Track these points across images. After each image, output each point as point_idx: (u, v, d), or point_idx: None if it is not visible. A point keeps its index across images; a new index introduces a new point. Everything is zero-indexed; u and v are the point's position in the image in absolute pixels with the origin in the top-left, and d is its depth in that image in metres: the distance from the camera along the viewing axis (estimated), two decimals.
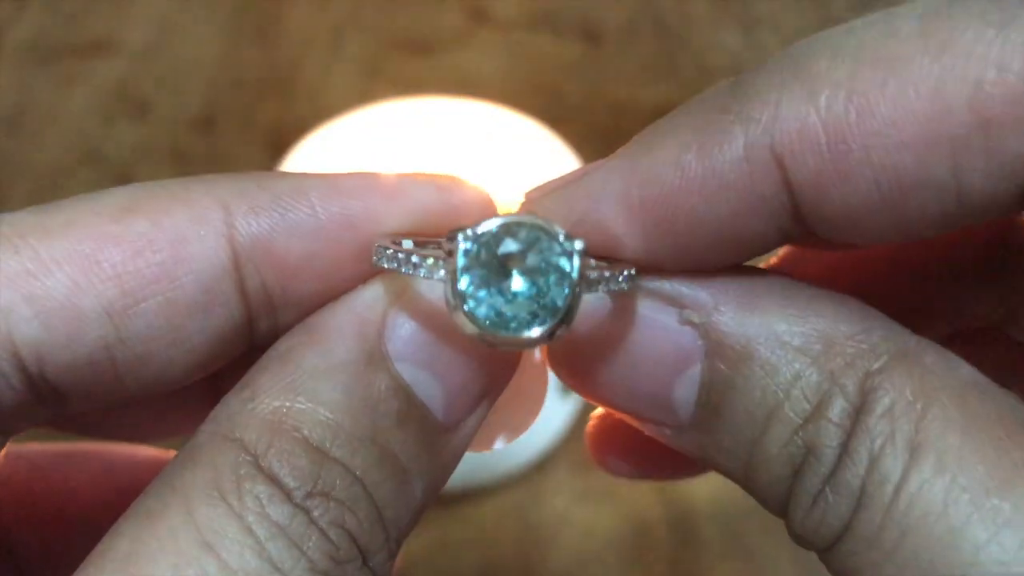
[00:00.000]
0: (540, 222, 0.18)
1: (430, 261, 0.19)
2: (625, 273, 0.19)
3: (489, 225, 0.18)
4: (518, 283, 0.18)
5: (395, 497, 0.19)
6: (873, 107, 0.17)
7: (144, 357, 0.20)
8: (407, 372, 0.19)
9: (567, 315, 0.18)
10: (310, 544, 0.17)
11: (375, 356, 0.19)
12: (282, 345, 0.20)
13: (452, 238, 0.18)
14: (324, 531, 0.18)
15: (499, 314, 0.18)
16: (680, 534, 0.49)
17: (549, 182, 0.21)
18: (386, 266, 0.19)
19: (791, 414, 0.19)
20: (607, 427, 0.26)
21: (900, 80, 0.17)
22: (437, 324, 0.20)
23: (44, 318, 0.18)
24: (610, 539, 0.48)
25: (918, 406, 0.18)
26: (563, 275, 0.18)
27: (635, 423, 0.22)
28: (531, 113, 0.60)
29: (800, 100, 0.18)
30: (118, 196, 0.20)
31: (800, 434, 0.19)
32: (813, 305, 0.19)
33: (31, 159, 0.67)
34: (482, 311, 0.18)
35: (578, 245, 0.18)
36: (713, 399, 0.20)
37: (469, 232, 0.18)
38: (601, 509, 0.49)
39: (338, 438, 0.18)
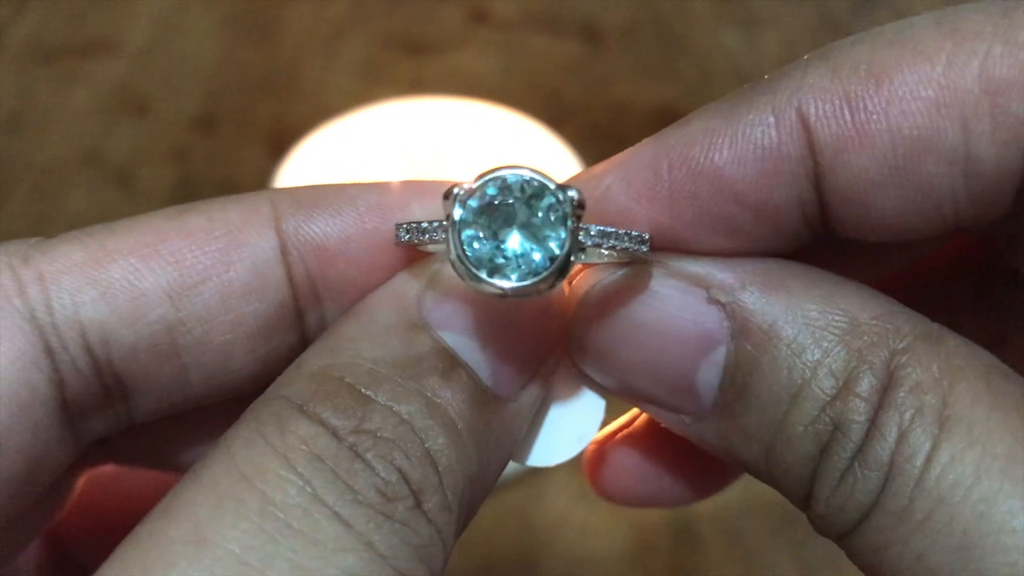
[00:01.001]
0: (532, 173, 0.18)
1: (435, 225, 0.19)
2: (635, 234, 0.19)
3: (483, 178, 0.18)
4: (514, 235, 0.18)
5: (447, 448, 0.18)
6: (891, 75, 0.19)
7: (203, 340, 0.20)
8: (449, 338, 0.20)
9: (564, 263, 0.18)
10: (356, 477, 0.17)
11: (415, 322, 0.20)
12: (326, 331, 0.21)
13: (447, 194, 0.18)
14: (371, 464, 0.17)
15: (498, 264, 0.18)
16: (680, 534, 0.49)
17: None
18: (404, 238, 0.20)
19: (818, 391, 0.19)
20: (606, 453, 0.25)
21: (915, 54, 0.19)
22: (472, 297, 0.20)
23: (109, 299, 0.20)
24: (610, 539, 0.48)
25: (945, 382, 0.18)
26: (557, 222, 0.18)
27: (654, 412, 0.22)
28: (531, 113, 0.60)
29: (823, 73, 0.19)
30: (174, 206, 0.21)
31: (828, 411, 0.19)
32: (838, 289, 0.20)
33: (31, 159, 0.67)
34: (481, 262, 0.18)
35: (571, 193, 0.18)
36: (738, 380, 0.20)
37: (465, 186, 0.18)
38: (601, 509, 0.49)
39: (382, 385, 0.18)
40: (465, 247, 0.18)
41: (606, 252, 0.19)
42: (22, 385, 0.19)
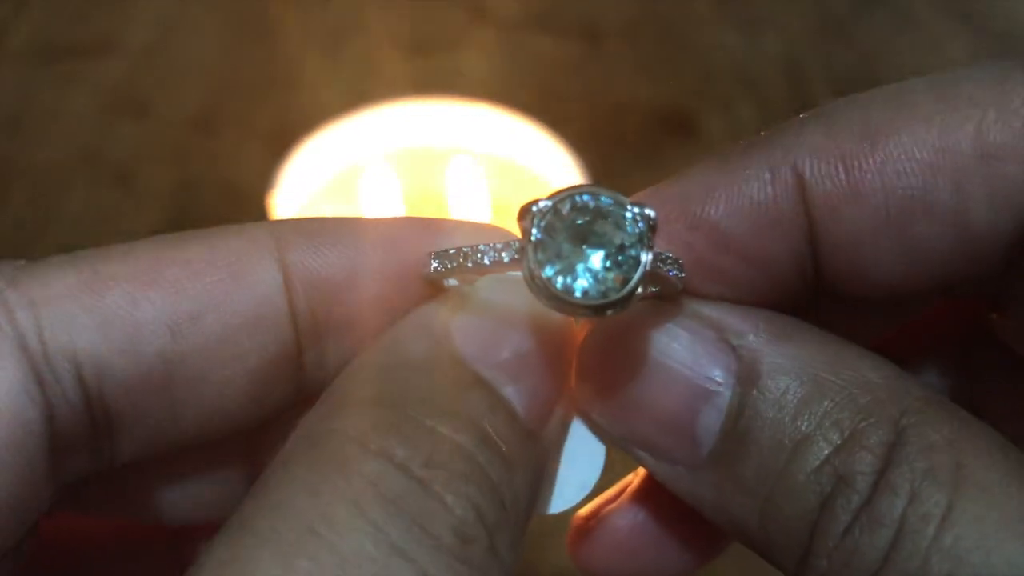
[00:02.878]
0: (608, 192, 0.18)
1: (495, 244, 0.19)
2: (679, 261, 0.19)
3: (558, 197, 0.18)
4: (591, 255, 0.18)
5: (508, 482, 0.18)
6: (886, 136, 0.19)
7: (201, 376, 0.19)
8: (484, 369, 0.19)
9: (639, 283, 0.18)
10: (433, 519, 0.16)
11: (453, 355, 0.19)
12: (346, 367, 0.20)
13: (525, 212, 0.18)
14: (446, 502, 0.16)
15: (572, 282, 0.18)
16: None
17: None
18: (446, 265, 0.19)
19: (823, 441, 0.18)
20: (591, 528, 0.24)
21: (911, 116, 0.19)
22: (502, 323, 0.20)
23: (104, 328, 0.18)
24: None
25: (958, 444, 0.17)
26: (637, 241, 0.18)
27: (649, 463, 0.21)
28: (531, 113, 0.60)
29: (819, 131, 0.20)
30: (170, 234, 0.20)
31: (832, 461, 0.18)
32: (848, 349, 0.20)
33: (31, 159, 0.67)
34: (560, 280, 0.18)
35: (649, 212, 0.18)
36: (740, 426, 0.19)
37: (541, 204, 0.18)
38: None
39: (440, 416, 0.18)
40: (542, 265, 0.18)
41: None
42: (16, 417, 0.18)
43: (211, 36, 0.75)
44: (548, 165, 0.58)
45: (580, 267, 0.18)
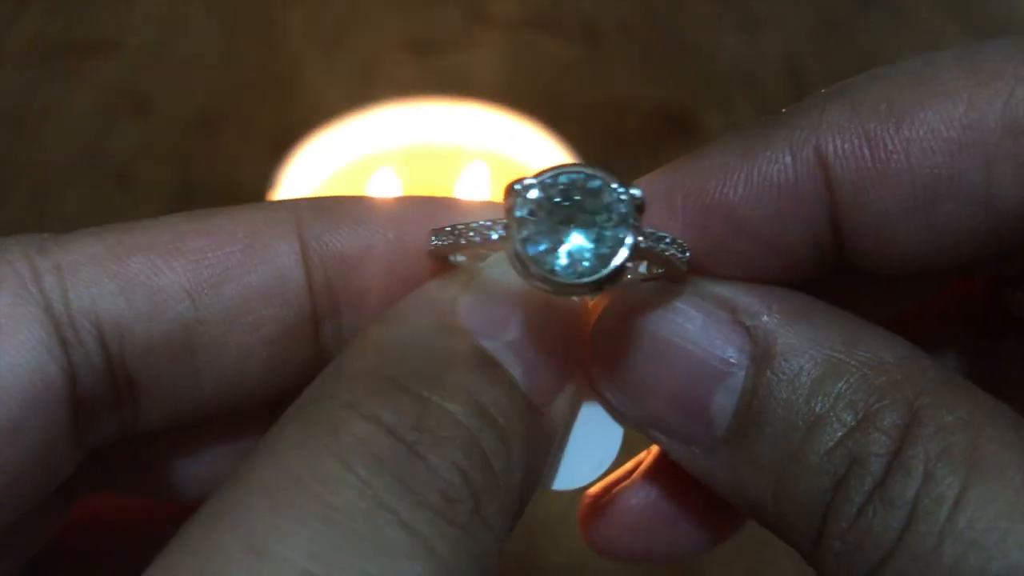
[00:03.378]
0: (594, 171, 0.18)
1: (479, 224, 0.19)
2: (680, 241, 0.19)
3: (544, 175, 0.18)
4: (574, 233, 0.18)
5: (501, 450, 0.18)
6: (912, 114, 0.18)
7: (221, 343, 0.20)
8: (488, 344, 0.19)
9: (622, 263, 0.18)
10: (418, 479, 0.16)
11: (454, 328, 0.19)
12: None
13: (510, 191, 0.18)
14: (432, 464, 0.17)
15: (555, 261, 0.18)
16: None
17: None
18: (439, 242, 0.20)
19: (836, 422, 0.18)
20: (602, 506, 0.24)
21: (937, 93, 0.18)
22: (508, 300, 0.20)
23: (127, 293, 0.19)
24: None
25: (973, 425, 0.17)
26: (621, 221, 0.18)
27: (663, 442, 0.21)
28: (531, 113, 0.60)
29: (842, 110, 0.19)
30: (197, 210, 0.21)
31: (846, 442, 0.18)
32: (863, 328, 0.19)
33: (31, 159, 0.67)
34: (539, 258, 0.18)
35: (634, 191, 0.18)
36: (754, 407, 0.19)
37: (526, 182, 0.18)
38: None
39: (433, 385, 0.18)
40: (525, 243, 0.18)
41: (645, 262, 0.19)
42: (37, 375, 0.18)
43: (211, 36, 0.76)
44: (548, 165, 0.58)
45: (563, 246, 0.18)
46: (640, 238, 0.18)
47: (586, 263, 0.18)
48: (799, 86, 0.73)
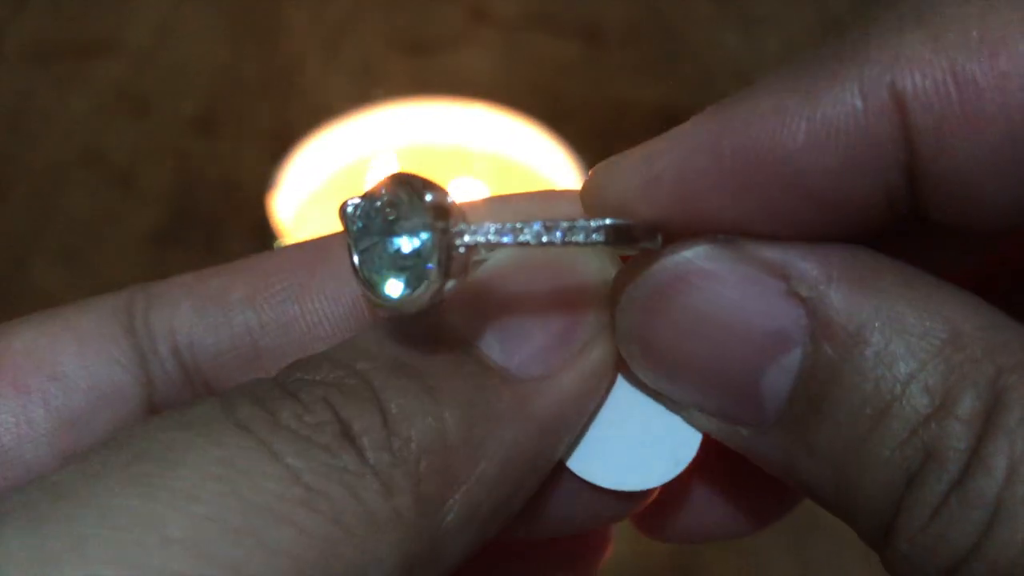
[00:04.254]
0: (401, 179, 0.17)
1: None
2: (589, 224, 0.17)
3: (370, 193, 0.18)
4: (399, 244, 0.17)
5: (403, 399, 0.17)
6: (1009, 43, 0.15)
7: (284, 344, 0.20)
8: (457, 316, 0.18)
9: (423, 274, 0.17)
10: (279, 404, 0.16)
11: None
12: None
13: (341, 211, 0.18)
14: (300, 398, 0.16)
15: (381, 281, 0.17)
16: None
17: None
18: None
19: (910, 409, 0.16)
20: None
21: None
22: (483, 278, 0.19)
23: (198, 308, 0.21)
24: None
25: None
26: (425, 230, 0.17)
27: (703, 423, 0.19)
28: (531, 113, 0.60)
29: (925, 41, 0.16)
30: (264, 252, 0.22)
31: (920, 433, 0.16)
32: (937, 293, 0.17)
33: (31, 159, 0.67)
34: (376, 278, 0.17)
35: (428, 197, 0.17)
36: (813, 390, 0.17)
37: (348, 203, 0.18)
38: None
39: (356, 347, 0.18)
40: (356, 264, 0.17)
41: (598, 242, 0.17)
42: (106, 380, 0.20)
43: (211, 36, 0.75)
44: (548, 165, 0.58)
45: (387, 267, 0.17)
46: (466, 238, 0.17)
47: (399, 280, 0.17)
48: None
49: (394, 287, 0.17)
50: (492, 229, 0.17)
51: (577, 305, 0.19)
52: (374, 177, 0.56)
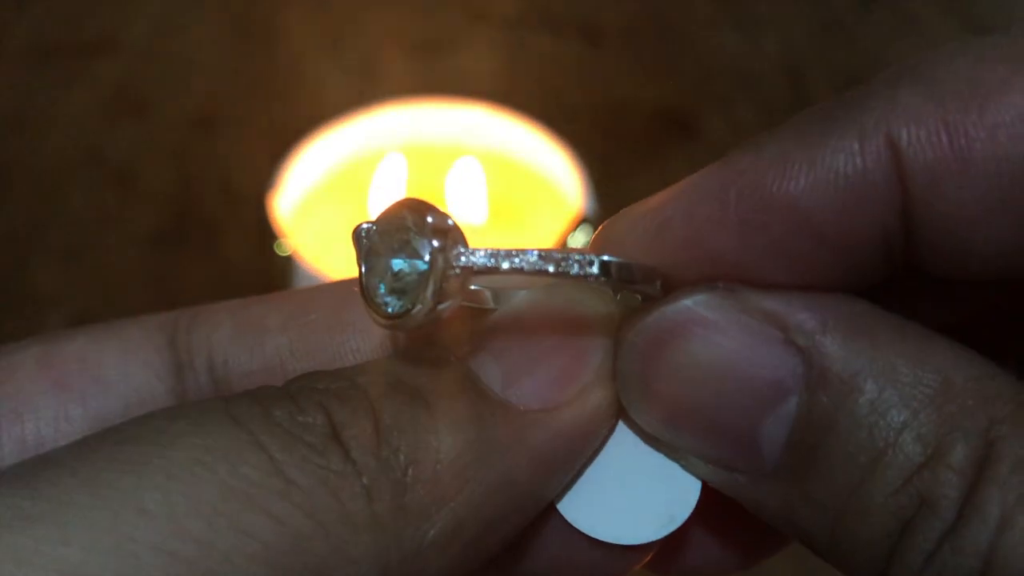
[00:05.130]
0: (409, 203, 0.18)
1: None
2: (590, 258, 0.18)
3: (382, 216, 0.18)
4: (398, 264, 0.18)
5: (400, 416, 0.17)
6: (998, 95, 0.16)
7: (309, 369, 0.21)
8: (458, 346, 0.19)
9: (420, 295, 0.17)
10: (273, 404, 0.16)
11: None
12: None
13: (354, 235, 0.19)
14: (296, 400, 0.17)
15: (384, 299, 0.18)
16: None
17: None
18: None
19: (903, 458, 0.16)
20: None
21: None
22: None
23: (236, 331, 0.22)
24: None
25: None
26: (423, 251, 0.17)
27: (700, 470, 0.19)
28: (532, 113, 0.60)
29: (919, 93, 0.17)
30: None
31: (914, 481, 0.16)
32: (929, 344, 0.17)
33: (31, 159, 0.67)
34: (376, 296, 0.18)
35: (429, 219, 0.17)
36: (809, 438, 0.17)
37: (361, 226, 0.19)
38: None
39: (362, 367, 0.18)
40: (369, 284, 0.18)
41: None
42: (145, 386, 0.21)
43: (211, 36, 0.75)
44: (548, 165, 0.58)
45: (389, 283, 0.18)
46: (463, 259, 0.17)
47: (397, 299, 0.18)
48: (799, 86, 0.73)
49: (390, 304, 0.18)
50: (487, 253, 0.17)
51: (582, 346, 0.19)
52: (382, 180, 0.56)
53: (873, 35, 0.77)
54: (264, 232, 0.54)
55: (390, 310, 0.18)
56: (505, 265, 0.17)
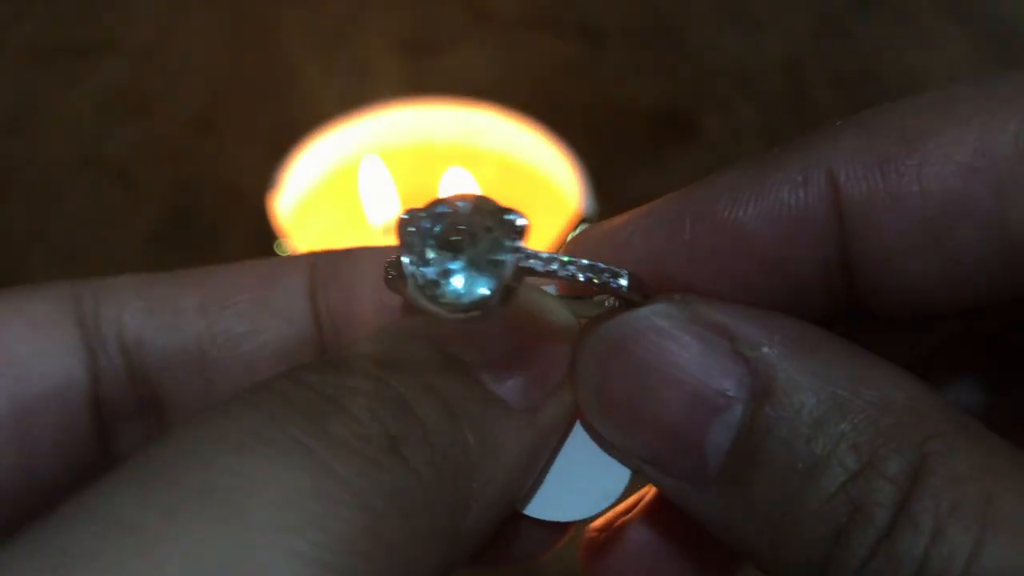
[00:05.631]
0: (475, 201, 0.18)
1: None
2: (614, 269, 0.18)
3: (433, 205, 0.18)
4: (458, 260, 0.18)
5: (439, 419, 0.17)
6: (925, 139, 0.18)
7: (232, 360, 0.21)
8: (458, 348, 0.19)
9: (505, 290, 0.18)
10: (328, 418, 0.16)
11: (419, 332, 0.20)
12: None
13: (400, 223, 0.18)
14: (347, 408, 0.16)
15: (442, 289, 0.18)
16: None
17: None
18: (389, 276, 0.20)
19: (838, 467, 0.17)
20: (605, 542, 0.23)
21: (950, 118, 0.18)
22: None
23: (148, 310, 0.21)
24: None
25: (988, 475, 0.16)
26: (499, 248, 0.18)
27: (654, 477, 0.20)
28: (531, 113, 0.60)
29: (856, 135, 0.19)
30: (221, 266, 0.23)
31: (848, 489, 0.17)
32: (871, 363, 0.18)
33: (31, 159, 0.67)
34: (427, 287, 0.18)
35: (511, 217, 0.18)
36: (751, 445, 0.18)
37: (415, 212, 0.18)
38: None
39: (379, 367, 0.18)
40: (413, 274, 0.18)
41: (583, 281, 0.19)
42: (61, 368, 0.20)
43: (211, 36, 0.75)
44: (548, 165, 0.58)
45: (450, 274, 0.18)
46: (532, 261, 0.18)
47: (466, 288, 0.18)
48: (799, 86, 0.73)
49: (462, 297, 0.18)
50: (547, 257, 0.18)
51: (555, 351, 0.20)
52: (368, 183, 0.56)
53: (872, 35, 0.77)
54: (264, 232, 0.54)
55: (456, 301, 0.18)
56: (561, 272, 0.18)
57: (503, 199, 0.18)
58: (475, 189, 0.56)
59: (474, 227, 0.18)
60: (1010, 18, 0.78)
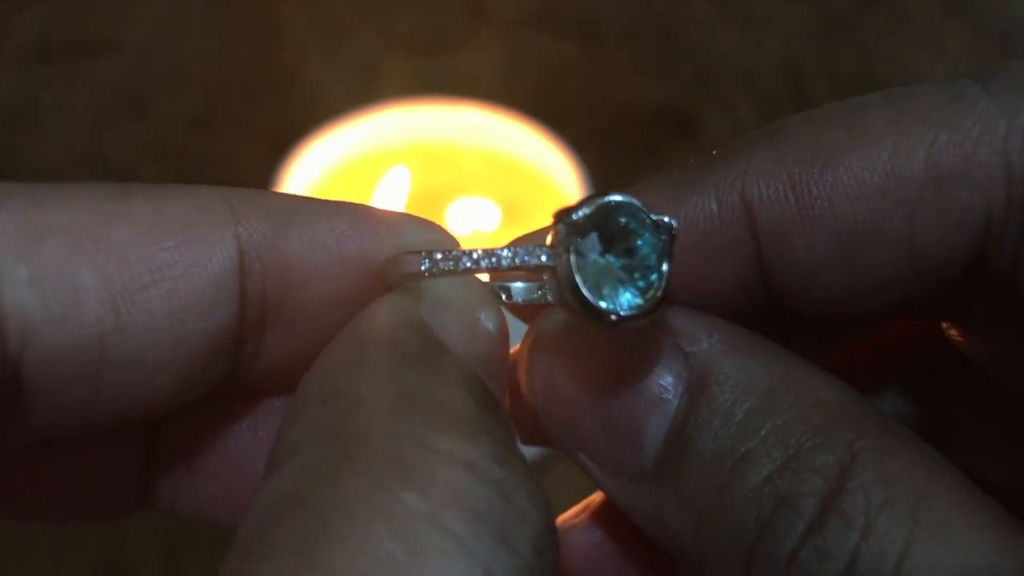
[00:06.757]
0: (631, 200, 0.18)
1: (520, 251, 0.18)
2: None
3: (588, 206, 0.18)
4: (616, 265, 0.18)
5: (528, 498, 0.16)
6: (837, 160, 0.18)
7: (137, 358, 0.17)
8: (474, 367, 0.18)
9: (665, 294, 0.18)
10: (513, 532, 0.15)
11: (441, 351, 0.18)
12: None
13: (557, 221, 0.18)
14: (524, 512, 0.15)
15: (618, 298, 0.18)
16: None
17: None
18: (426, 267, 0.18)
19: (766, 459, 0.17)
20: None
21: (862, 138, 0.18)
22: (472, 311, 0.19)
23: (39, 286, 0.16)
24: None
25: (917, 476, 0.16)
26: (657, 254, 0.18)
27: (593, 470, 0.20)
28: (531, 113, 0.60)
29: (769, 155, 0.19)
30: (114, 184, 0.18)
31: (775, 480, 0.17)
32: (804, 365, 0.19)
33: (31, 159, 0.67)
34: (594, 293, 0.17)
35: (670, 220, 0.18)
36: (684, 437, 0.18)
37: (577, 213, 0.17)
38: None
39: (474, 421, 0.16)
40: (583, 279, 0.17)
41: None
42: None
43: (211, 36, 0.75)
44: (548, 165, 0.58)
45: (607, 281, 0.18)
46: (670, 263, 0.18)
47: (632, 295, 0.18)
48: (799, 86, 0.73)
49: (620, 305, 0.18)
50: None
51: (501, 352, 0.20)
52: (386, 189, 0.55)
53: (872, 35, 0.77)
54: None
55: (625, 309, 0.17)
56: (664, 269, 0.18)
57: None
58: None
59: (629, 231, 0.18)
60: (1010, 17, 0.78)
